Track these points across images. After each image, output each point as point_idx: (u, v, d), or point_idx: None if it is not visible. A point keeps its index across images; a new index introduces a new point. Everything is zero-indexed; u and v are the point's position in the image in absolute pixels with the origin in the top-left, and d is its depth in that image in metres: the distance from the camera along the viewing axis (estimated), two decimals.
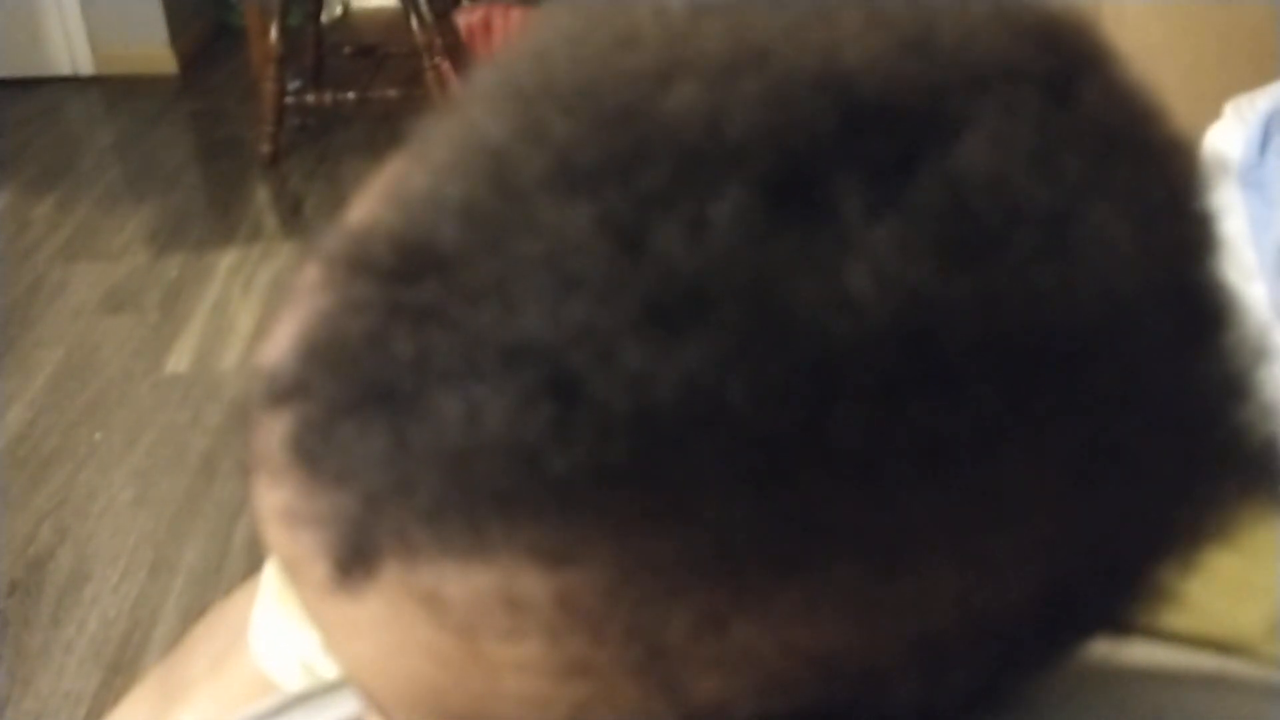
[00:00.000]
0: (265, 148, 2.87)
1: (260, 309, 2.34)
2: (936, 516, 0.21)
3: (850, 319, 0.20)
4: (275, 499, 0.23)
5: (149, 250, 2.58)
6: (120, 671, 1.53)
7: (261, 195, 2.86)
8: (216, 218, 2.75)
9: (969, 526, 0.22)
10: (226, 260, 2.53)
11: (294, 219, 2.74)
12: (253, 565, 1.74)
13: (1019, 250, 0.21)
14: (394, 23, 2.92)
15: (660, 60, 0.23)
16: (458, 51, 3.04)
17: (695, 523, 0.21)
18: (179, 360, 2.19)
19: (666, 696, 0.22)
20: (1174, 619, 0.26)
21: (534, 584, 0.21)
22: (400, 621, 0.22)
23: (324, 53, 3.13)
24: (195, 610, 1.62)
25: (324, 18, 3.21)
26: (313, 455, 0.22)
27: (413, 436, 0.21)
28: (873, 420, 0.20)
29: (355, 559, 0.22)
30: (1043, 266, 0.21)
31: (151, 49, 3.49)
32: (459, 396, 0.21)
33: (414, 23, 2.76)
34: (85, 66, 3.49)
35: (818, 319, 0.20)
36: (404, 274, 0.22)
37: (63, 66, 3.49)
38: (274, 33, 2.73)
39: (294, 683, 0.43)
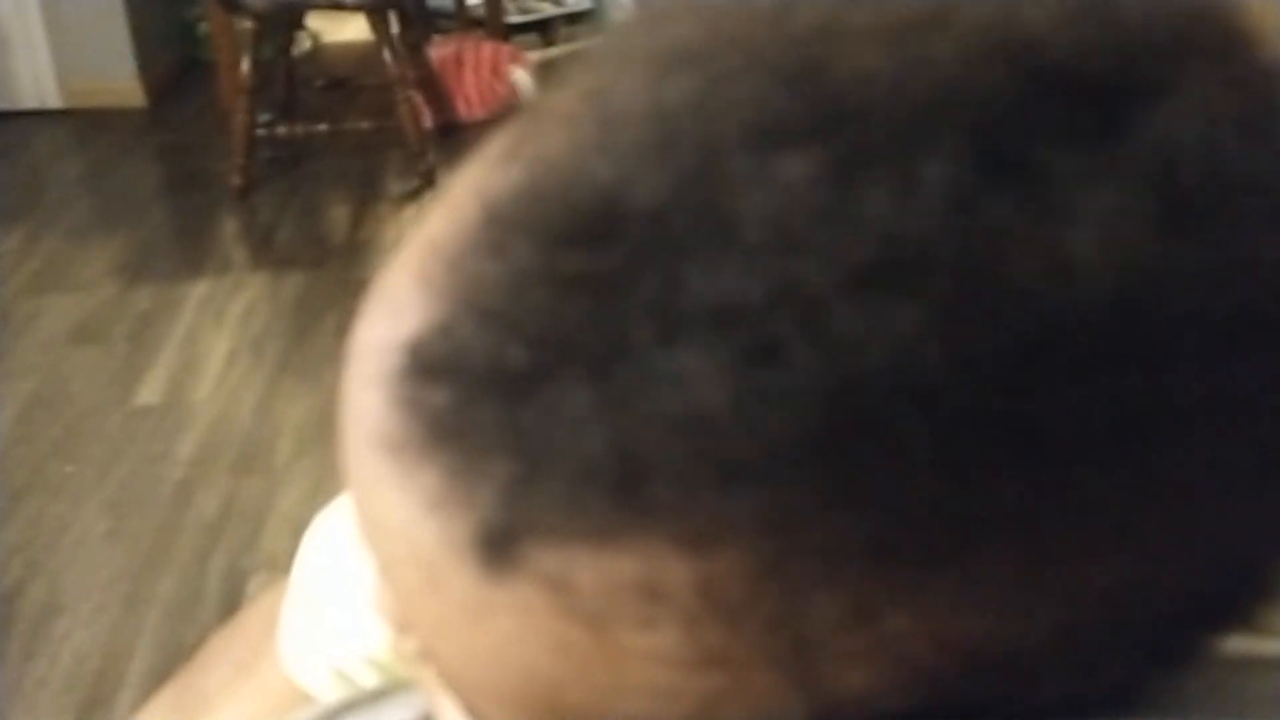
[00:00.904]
0: (236, 180, 2.86)
1: (232, 340, 2.33)
2: (1111, 502, 0.20)
3: (1069, 288, 0.19)
4: (418, 480, 0.21)
5: (118, 282, 2.55)
6: (94, 707, 1.50)
7: (232, 227, 2.85)
8: (186, 250, 2.74)
9: (1141, 512, 0.21)
10: (197, 292, 2.51)
11: (265, 251, 2.73)
12: (228, 597, 1.72)
13: (1234, 219, 0.20)
14: (365, 56, 2.93)
15: (833, 21, 0.22)
16: (430, 84, 3.04)
17: (868, 504, 0.20)
18: (150, 392, 2.17)
19: (804, 689, 0.21)
20: None
21: (676, 570, 0.20)
22: (532, 608, 0.21)
23: (295, 85, 3.12)
24: (170, 645, 1.59)
25: (294, 51, 3.21)
26: (480, 429, 0.21)
27: (606, 403, 0.20)
28: (1074, 397, 0.20)
29: (504, 541, 0.21)
30: (1257, 236, 0.21)
31: (120, 82, 3.48)
32: (661, 361, 0.20)
33: (387, 55, 2.76)
34: (53, 100, 3.47)
35: (1035, 288, 0.19)
36: (587, 234, 0.21)
37: (30, 100, 3.46)
38: (246, 64, 2.72)
39: (327, 692, 0.42)
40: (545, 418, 0.20)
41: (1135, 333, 0.20)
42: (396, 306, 0.23)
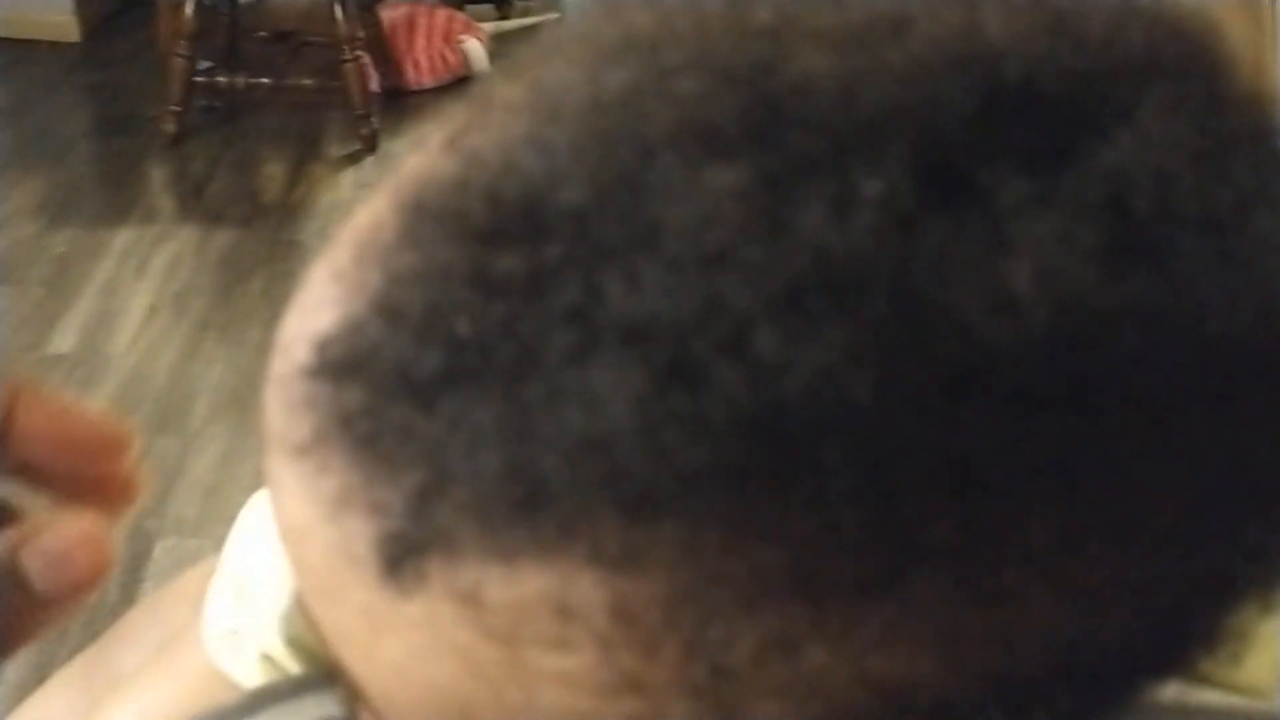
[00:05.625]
0: (169, 126, 2.77)
1: (153, 294, 2.25)
2: (1046, 543, 0.20)
3: (1005, 321, 0.19)
4: (321, 484, 0.21)
5: (36, 223, 2.45)
6: None
7: (160, 176, 2.76)
8: (110, 195, 2.64)
9: (1077, 556, 0.20)
10: (120, 240, 2.42)
11: (194, 202, 2.64)
12: (133, 560, 1.65)
13: (1185, 256, 0.20)
14: (311, 12, 2.84)
15: (788, 22, 0.21)
16: (379, 46, 2.98)
17: (790, 533, 0.19)
18: (64, 339, 2.08)
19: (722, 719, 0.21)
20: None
21: (590, 590, 0.19)
22: (439, 622, 0.20)
23: (238, 35, 3.03)
24: None
25: None
26: (386, 434, 0.20)
27: (511, 420, 0.19)
28: (1007, 433, 0.19)
29: (408, 552, 0.20)
30: (1208, 276, 0.20)
31: (53, 14, 3.35)
32: (571, 379, 0.19)
33: (338, 13, 2.69)
34: None
35: (970, 318, 0.19)
36: (509, 234, 0.20)
37: None
38: (190, 7, 2.64)
39: (252, 678, 0.39)
40: (449, 429, 0.19)
41: (1073, 370, 0.19)
42: (313, 301, 0.22)
